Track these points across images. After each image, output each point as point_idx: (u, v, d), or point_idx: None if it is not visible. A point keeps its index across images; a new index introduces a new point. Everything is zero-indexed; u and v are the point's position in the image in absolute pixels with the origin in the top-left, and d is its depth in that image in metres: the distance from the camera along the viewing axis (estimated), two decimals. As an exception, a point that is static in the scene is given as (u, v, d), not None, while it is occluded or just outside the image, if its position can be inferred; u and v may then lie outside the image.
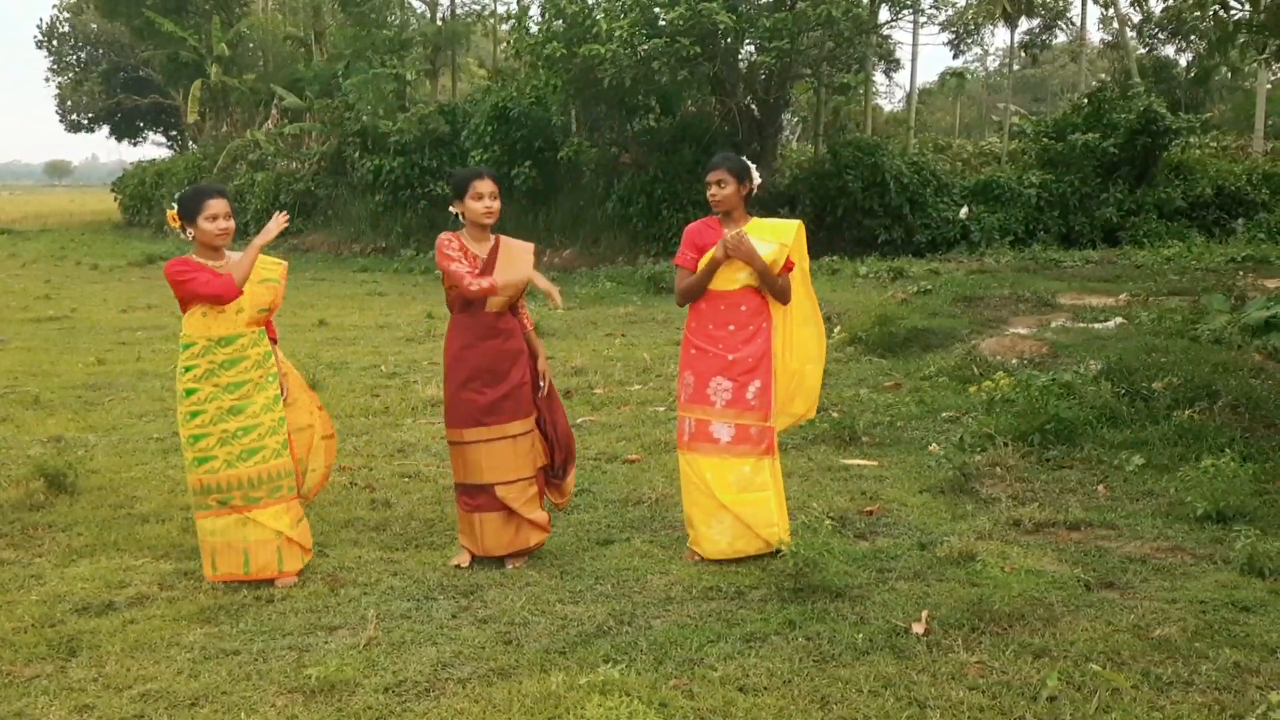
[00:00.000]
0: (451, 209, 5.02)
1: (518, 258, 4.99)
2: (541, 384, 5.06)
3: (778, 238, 4.95)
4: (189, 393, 4.64)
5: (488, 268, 4.90)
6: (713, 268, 4.94)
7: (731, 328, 4.98)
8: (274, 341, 5.00)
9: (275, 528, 4.69)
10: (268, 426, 4.70)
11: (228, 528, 4.67)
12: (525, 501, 4.96)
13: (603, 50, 17.86)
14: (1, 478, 6.43)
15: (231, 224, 4.69)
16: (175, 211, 4.71)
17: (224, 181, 27.42)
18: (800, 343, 5.13)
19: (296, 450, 4.92)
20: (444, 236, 4.94)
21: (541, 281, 4.96)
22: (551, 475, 5.18)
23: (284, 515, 4.74)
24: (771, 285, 4.96)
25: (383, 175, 24.27)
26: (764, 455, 4.99)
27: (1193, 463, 6.14)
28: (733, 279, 4.96)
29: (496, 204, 4.92)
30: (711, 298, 5.02)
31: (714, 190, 4.98)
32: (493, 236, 5.01)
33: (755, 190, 5.08)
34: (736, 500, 4.92)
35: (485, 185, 4.89)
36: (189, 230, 4.67)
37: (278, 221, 4.66)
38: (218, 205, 4.64)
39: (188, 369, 4.65)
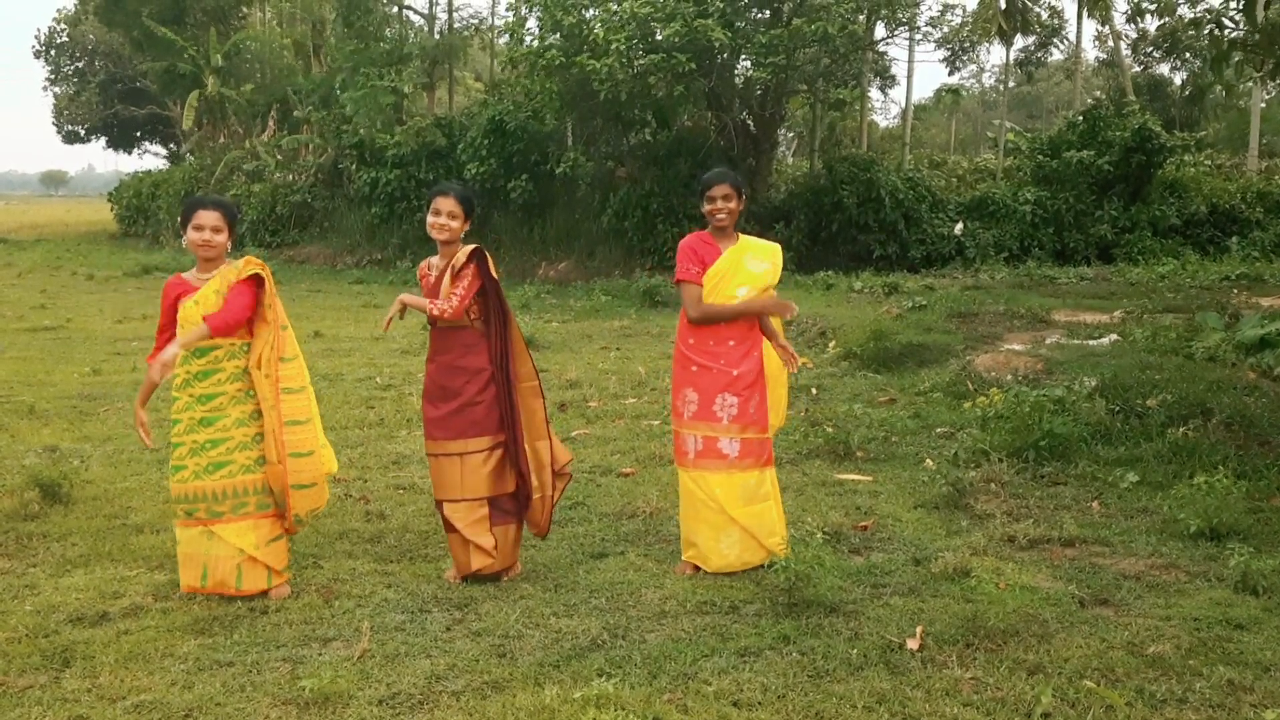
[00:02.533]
0: None
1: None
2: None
3: (769, 258, 5.10)
4: (174, 400, 4.70)
5: (437, 283, 4.86)
6: (750, 308, 5.00)
7: (732, 342, 5.02)
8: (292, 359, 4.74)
9: (237, 545, 4.61)
10: (238, 442, 4.64)
11: (193, 538, 4.65)
12: (470, 523, 4.83)
13: (599, 64, 17.92)
14: (-5, 488, 6.41)
15: (218, 238, 4.63)
16: None
17: (220, 193, 27.35)
18: (771, 354, 5.21)
19: (290, 477, 4.61)
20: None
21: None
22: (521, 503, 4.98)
23: (249, 533, 4.64)
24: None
25: (379, 188, 24.33)
26: (765, 466, 5.06)
27: (1186, 480, 6.16)
28: (732, 294, 5.00)
29: (446, 220, 4.80)
30: None
31: (720, 204, 5.00)
32: (461, 250, 4.86)
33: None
34: (745, 513, 4.97)
35: (438, 203, 4.85)
36: None
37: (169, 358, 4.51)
38: (203, 217, 4.63)
39: (175, 377, 4.69)
